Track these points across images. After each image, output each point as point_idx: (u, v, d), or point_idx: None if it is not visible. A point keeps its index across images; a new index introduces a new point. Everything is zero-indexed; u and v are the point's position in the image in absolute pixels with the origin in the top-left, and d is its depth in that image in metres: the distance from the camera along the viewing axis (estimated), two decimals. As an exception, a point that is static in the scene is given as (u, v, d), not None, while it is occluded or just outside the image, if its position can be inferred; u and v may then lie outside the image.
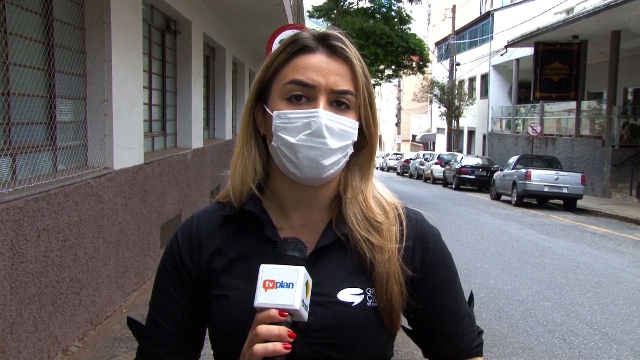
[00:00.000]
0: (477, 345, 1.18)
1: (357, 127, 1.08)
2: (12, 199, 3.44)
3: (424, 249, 1.14)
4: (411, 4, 27.74)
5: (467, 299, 1.22)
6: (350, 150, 1.09)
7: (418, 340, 1.19)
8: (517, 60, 27.71)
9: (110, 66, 5.11)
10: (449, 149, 35.11)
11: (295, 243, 0.98)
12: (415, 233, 1.14)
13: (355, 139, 1.09)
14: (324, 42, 1.09)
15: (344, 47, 1.08)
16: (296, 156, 1.04)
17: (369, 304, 1.05)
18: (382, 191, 1.17)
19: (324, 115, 1.03)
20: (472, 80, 37.04)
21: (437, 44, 46.69)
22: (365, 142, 1.13)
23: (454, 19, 37.58)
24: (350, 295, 1.05)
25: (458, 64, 36.33)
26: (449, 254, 1.19)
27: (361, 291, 1.06)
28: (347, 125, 1.06)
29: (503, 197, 19.43)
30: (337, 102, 1.06)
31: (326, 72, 1.05)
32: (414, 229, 1.14)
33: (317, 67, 1.05)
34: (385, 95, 67.35)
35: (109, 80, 5.13)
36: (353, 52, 1.09)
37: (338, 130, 1.05)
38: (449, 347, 1.16)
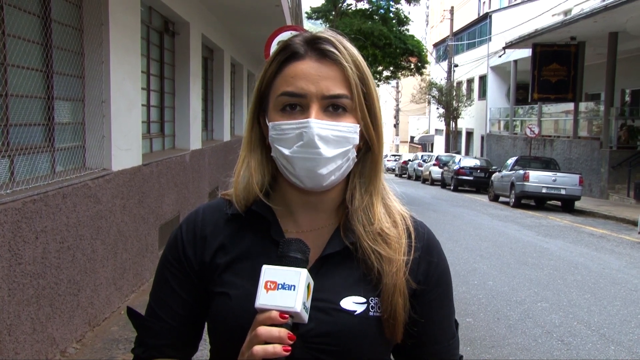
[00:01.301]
0: None
1: (357, 130, 1.06)
2: (10, 200, 3.44)
3: (429, 262, 1.13)
4: (409, 5, 27.77)
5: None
6: (352, 155, 1.07)
7: (400, 355, 1.17)
8: (515, 61, 27.75)
9: (108, 67, 5.11)
10: (447, 150, 35.12)
11: (298, 244, 0.98)
12: (422, 246, 1.13)
13: (357, 142, 1.06)
14: (313, 46, 1.06)
15: (333, 50, 1.05)
16: (293, 168, 1.04)
17: (371, 313, 1.05)
18: (393, 199, 1.16)
19: (315, 125, 1.01)
20: (470, 81, 37.07)
21: (436, 45, 46.73)
22: (369, 147, 1.11)
23: (452, 20, 37.61)
24: (353, 303, 1.05)
25: (456, 66, 36.36)
26: (449, 271, 1.18)
27: (364, 300, 1.05)
28: (344, 131, 1.04)
29: (501, 199, 19.44)
30: (334, 106, 1.04)
31: (316, 79, 1.03)
32: (421, 242, 1.13)
33: (306, 74, 1.04)
34: (383, 96, 67.38)
35: (107, 81, 5.12)
36: (345, 54, 1.05)
37: (333, 137, 1.03)
38: None
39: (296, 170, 1.04)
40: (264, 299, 0.92)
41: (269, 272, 0.94)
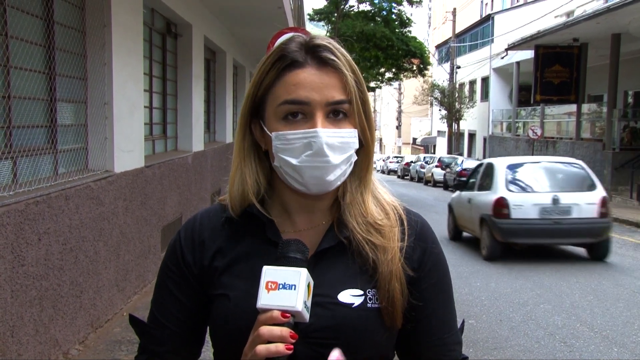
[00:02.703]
0: None
1: (356, 135, 1.08)
2: (13, 202, 3.45)
3: (423, 249, 1.14)
4: (412, 7, 27.77)
5: (459, 325, 1.20)
6: (354, 159, 1.09)
7: (401, 351, 1.16)
8: (518, 63, 27.71)
9: (110, 69, 5.12)
10: (449, 152, 35.09)
11: (297, 245, 0.99)
12: (415, 233, 1.14)
13: (357, 146, 1.09)
14: (312, 53, 1.07)
15: (333, 57, 1.06)
16: (301, 176, 1.05)
17: (369, 305, 1.06)
18: (382, 191, 1.18)
19: (323, 134, 1.03)
20: (472, 83, 37.05)
21: (438, 47, 46.72)
22: (362, 147, 1.13)
23: (454, 22, 37.61)
24: (350, 296, 1.06)
25: (459, 67, 36.33)
26: (445, 261, 1.19)
27: (361, 292, 1.07)
28: (347, 137, 1.06)
29: (504, 200, 19.38)
30: (334, 113, 1.06)
31: (318, 86, 1.04)
32: (414, 229, 1.15)
33: (309, 82, 1.04)
34: (385, 98, 67.41)
35: (109, 83, 5.14)
36: (343, 60, 1.07)
37: (339, 144, 1.05)
38: (428, 358, 1.14)
39: (304, 179, 1.05)
40: (266, 299, 0.93)
41: (270, 273, 0.95)
